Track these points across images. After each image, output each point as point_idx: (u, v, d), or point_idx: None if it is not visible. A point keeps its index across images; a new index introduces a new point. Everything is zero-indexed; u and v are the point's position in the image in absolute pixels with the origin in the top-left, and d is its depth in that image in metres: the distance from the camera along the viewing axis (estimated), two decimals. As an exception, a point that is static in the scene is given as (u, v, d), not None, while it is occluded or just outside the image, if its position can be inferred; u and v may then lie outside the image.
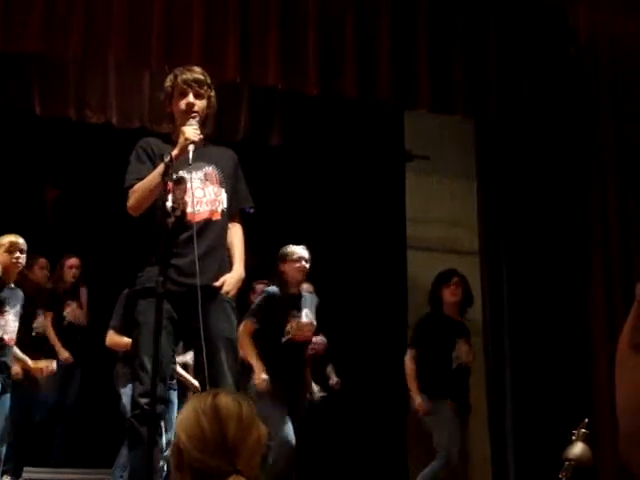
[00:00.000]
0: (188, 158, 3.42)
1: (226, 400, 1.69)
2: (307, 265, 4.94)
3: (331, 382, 5.92)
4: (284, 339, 4.86)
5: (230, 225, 3.68)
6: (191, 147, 3.42)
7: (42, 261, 5.86)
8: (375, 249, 6.59)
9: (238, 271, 3.59)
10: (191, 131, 3.45)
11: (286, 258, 4.91)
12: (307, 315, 4.94)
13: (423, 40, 5.55)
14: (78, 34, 4.91)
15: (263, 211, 4.51)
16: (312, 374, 5.45)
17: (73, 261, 6.16)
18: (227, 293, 3.51)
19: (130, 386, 4.63)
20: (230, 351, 3.50)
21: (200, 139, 3.47)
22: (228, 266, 3.60)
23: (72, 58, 5.26)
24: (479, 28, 5.73)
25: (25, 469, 5.72)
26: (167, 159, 3.39)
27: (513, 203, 6.08)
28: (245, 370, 4.59)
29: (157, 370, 3.27)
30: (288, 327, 4.87)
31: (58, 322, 5.96)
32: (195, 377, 4.94)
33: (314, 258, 5.42)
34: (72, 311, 6.07)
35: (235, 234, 3.69)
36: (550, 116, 5.84)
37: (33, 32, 4.85)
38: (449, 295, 5.18)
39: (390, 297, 6.51)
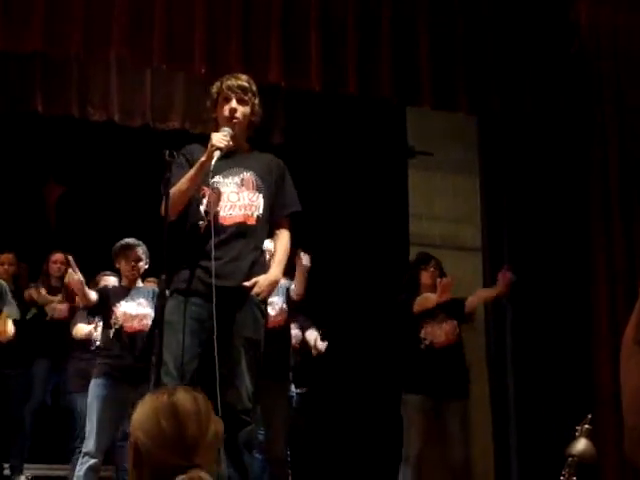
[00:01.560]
0: (211, 165, 3.45)
1: (183, 398, 1.73)
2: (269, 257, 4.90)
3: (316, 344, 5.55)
4: None
5: (277, 232, 3.71)
6: (217, 153, 3.45)
7: (5, 257, 5.81)
8: (378, 245, 6.58)
9: (273, 273, 3.61)
10: (219, 137, 3.48)
11: None
12: (271, 302, 4.86)
13: (425, 37, 5.55)
14: (80, 32, 4.91)
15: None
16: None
17: (58, 256, 6.13)
18: (257, 295, 3.52)
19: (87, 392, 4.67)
20: (250, 350, 3.52)
21: (227, 146, 3.49)
22: (264, 268, 3.61)
23: (74, 56, 5.26)
24: (481, 24, 5.73)
25: (29, 466, 5.74)
26: (168, 157, 3.42)
27: (516, 199, 6.09)
28: None
29: (160, 365, 3.30)
30: None
31: (41, 318, 5.92)
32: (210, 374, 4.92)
33: (318, 255, 5.39)
34: (54, 307, 5.97)
35: (279, 239, 3.72)
36: (552, 111, 5.84)
37: (34, 31, 4.85)
38: (427, 277, 5.14)
39: (393, 294, 6.50)
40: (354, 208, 6.64)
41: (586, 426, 2.42)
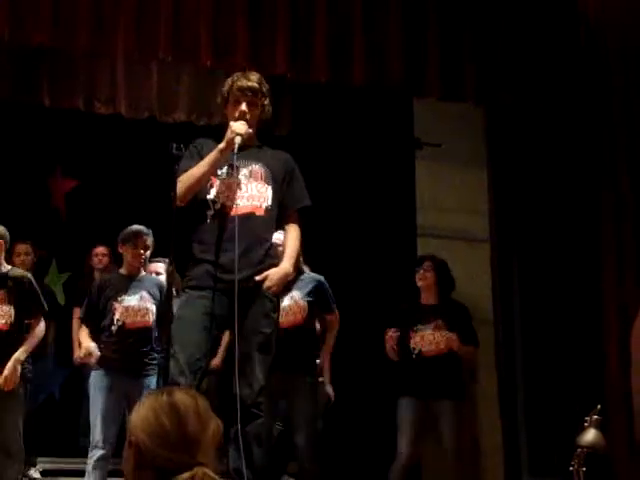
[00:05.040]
0: (234, 149, 3.49)
1: (181, 396, 1.76)
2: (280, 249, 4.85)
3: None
4: None
5: (286, 226, 3.74)
6: (237, 139, 3.50)
7: (20, 247, 5.67)
8: (385, 237, 6.57)
9: (284, 267, 3.60)
10: (238, 125, 3.54)
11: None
12: (292, 298, 4.80)
13: (433, 26, 5.53)
14: (86, 26, 4.91)
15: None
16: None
17: (100, 249, 6.13)
18: (269, 289, 3.52)
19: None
20: (262, 345, 3.53)
21: (247, 133, 3.55)
22: (274, 261, 3.61)
23: (81, 49, 5.26)
24: (489, 14, 5.71)
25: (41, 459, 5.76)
26: (175, 150, 3.44)
27: (524, 190, 6.07)
28: None
29: (168, 361, 3.30)
30: None
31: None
32: (226, 367, 4.88)
33: (325, 247, 5.43)
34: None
35: (289, 233, 3.74)
36: (561, 101, 5.82)
37: (42, 25, 4.85)
38: (417, 280, 5.22)
39: (401, 286, 6.50)
40: (361, 200, 6.63)
41: (595, 417, 2.42)
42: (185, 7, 5.10)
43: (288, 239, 3.73)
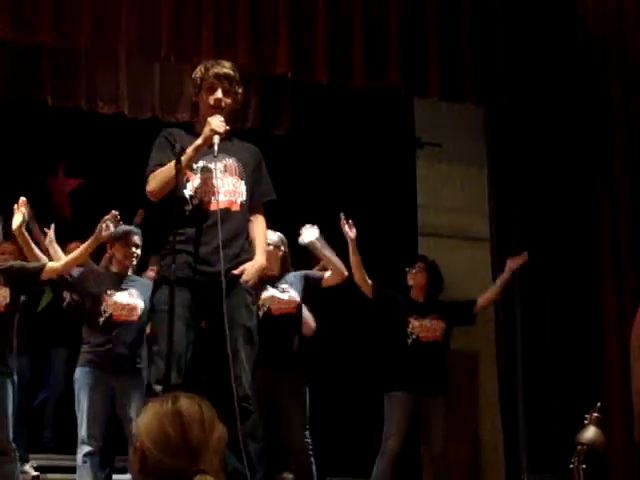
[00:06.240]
0: (214, 150, 3.47)
1: (186, 404, 1.77)
2: (272, 249, 4.73)
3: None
4: (260, 313, 4.55)
5: (253, 218, 3.71)
6: (216, 138, 3.47)
7: (4, 247, 5.61)
8: (386, 236, 6.59)
9: (259, 261, 3.61)
10: (217, 122, 3.49)
11: None
12: (283, 290, 4.83)
13: (433, 27, 5.56)
14: (88, 25, 4.94)
15: (272, 200, 4.52)
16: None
17: (75, 245, 6.13)
18: (246, 282, 3.53)
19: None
20: (247, 339, 3.54)
21: (225, 130, 3.52)
22: (249, 255, 3.62)
23: (83, 49, 5.29)
24: (488, 15, 5.73)
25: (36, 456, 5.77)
26: (178, 149, 3.45)
27: (524, 189, 6.10)
28: None
29: (171, 356, 3.32)
30: (260, 300, 4.65)
31: (58, 304, 5.91)
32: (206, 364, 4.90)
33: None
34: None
35: (257, 226, 3.72)
36: (560, 102, 5.84)
37: (44, 24, 4.88)
38: (409, 279, 5.30)
39: (401, 285, 6.52)
40: (362, 199, 6.65)
41: (595, 414, 2.44)
42: (187, 7, 5.13)
43: (257, 232, 3.70)
